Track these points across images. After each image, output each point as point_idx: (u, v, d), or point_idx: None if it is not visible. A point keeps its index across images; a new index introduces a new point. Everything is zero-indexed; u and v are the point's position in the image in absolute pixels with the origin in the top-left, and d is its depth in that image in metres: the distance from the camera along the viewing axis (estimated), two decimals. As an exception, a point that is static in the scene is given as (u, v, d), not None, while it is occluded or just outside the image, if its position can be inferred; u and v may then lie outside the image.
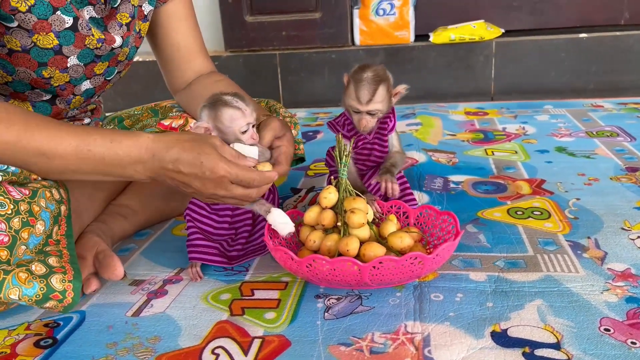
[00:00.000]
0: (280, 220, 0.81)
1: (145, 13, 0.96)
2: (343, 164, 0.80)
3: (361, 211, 0.76)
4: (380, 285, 0.75)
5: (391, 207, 0.89)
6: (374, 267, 0.70)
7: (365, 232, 0.78)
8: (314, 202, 1.12)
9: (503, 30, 2.00)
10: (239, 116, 0.79)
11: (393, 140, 0.91)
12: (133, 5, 0.91)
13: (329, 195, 0.79)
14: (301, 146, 1.12)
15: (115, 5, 0.88)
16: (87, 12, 0.84)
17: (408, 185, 0.94)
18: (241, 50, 2.11)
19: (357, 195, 0.80)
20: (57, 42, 0.82)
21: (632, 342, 0.63)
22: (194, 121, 1.06)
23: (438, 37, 1.98)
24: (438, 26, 2.04)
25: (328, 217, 0.79)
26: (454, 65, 2.01)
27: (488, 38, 1.96)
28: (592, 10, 2.07)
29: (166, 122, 1.07)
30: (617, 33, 1.90)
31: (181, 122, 1.07)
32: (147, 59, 2.05)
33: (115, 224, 0.96)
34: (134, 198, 1.02)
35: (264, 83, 2.10)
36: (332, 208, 0.80)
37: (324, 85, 2.09)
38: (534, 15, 2.10)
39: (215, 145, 0.75)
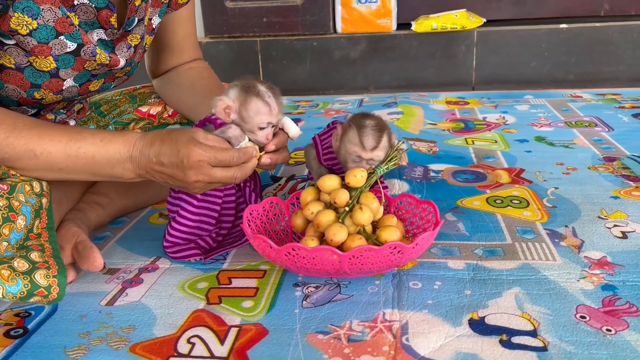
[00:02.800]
0: (290, 122, 0.82)
1: (154, 26, 0.92)
2: (387, 167, 0.80)
3: (369, 211, 0.75)
4: (359, 274, 0.75)
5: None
6: (353, 256, 0.69)
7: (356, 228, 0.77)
8: (294, 189, 1.11)
9: (485, 20, 2.00)
10: (265, 112, 0.77)
11: None
12: (145, 25, 0.87)
13: (359, 175, 0.77)
14: None
15: (129, 29, 0.84)
16: (97, 35, 0.80)
17: None
18: (221, 37, 2.08)
19: (379, 195, 0.79)
20: (55, 66, 0.77)
21: (607, 329, 0.64)
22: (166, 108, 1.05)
23: (420, 25, 1.98)
24: (420, 15, 2.04)
25: (341, 197, 0.76)
26: (436, 55, 2.00)
27: (470, 27, 1.96)
28: (573, 1, 2.08)
29: (144, 109, 1.05)
30: (597, 24, 1.92)
31: (159, 109, 1.06)
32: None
33: (91, 212, 0.94)
34: (110, 186, 1.00)
35: (245, 70, 2.08)
36: (349, 190, 0.78)
37: (305, 73, 2.07)
38: (516, 5, 2.10)
39: (196, 134, 0.74)
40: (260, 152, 0.80)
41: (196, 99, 0.97)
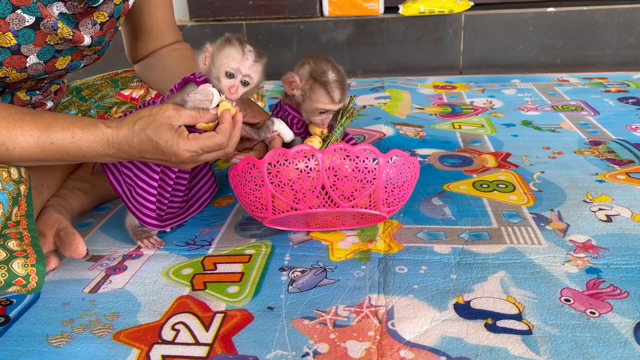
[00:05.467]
0: (284, 128, 0.81)
1: (130, 6, 0.89)
2: (341, 124, 0.81)
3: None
4: (342, 198, 0.73)
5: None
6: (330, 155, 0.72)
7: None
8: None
9: (472, 3, 1.99)
10: (236, 57, 0.72)
11: None
12: (115, 4, 0.84)
13: (310, 144, 0.79)
14: None
15: (95, 5, 0.81)
16: (57, 8, 0.77)
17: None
18: (207, 20, 2.05)
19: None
20: (15, 42, 0.74)
21: (591, 312, 0.64)
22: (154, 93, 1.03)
23: (407, 9, 1.96)
24: (408, -2, 2.02)
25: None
26: (423, 39, 1.99)
27: (457, 11, 1.95)
28: (560, -16, 2.07)
29: (126, 92, 1.03)
30: (584, 8, 1.91)
31: (142, 92, 1.04)
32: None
33: (74, 198, 0.93)
34: (93, 172, 0.98)
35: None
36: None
37: (292, 57, 2.05)
38: (503, -12, 2.09)
39: (170, 119, 0.72)
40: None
41: None
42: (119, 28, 0.93)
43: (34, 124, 0.72)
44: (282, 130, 0.81)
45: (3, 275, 0.65)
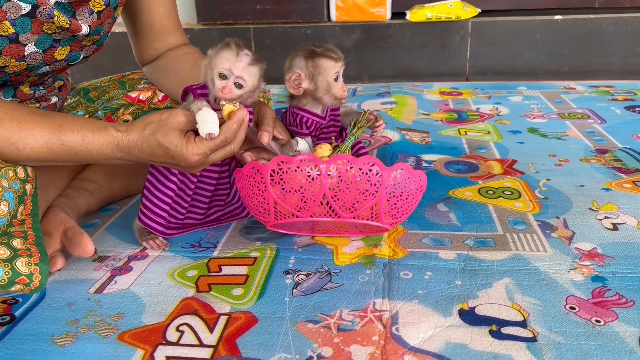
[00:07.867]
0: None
1: None
2: (352, 134, 0.82)
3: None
4: (344, 206, 0.73)
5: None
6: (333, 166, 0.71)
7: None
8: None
9: (479, 10, 1.99)
10: (229, 57, 0.73)
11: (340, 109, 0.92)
12: None
13: (320, 150, 0.80)
14: None
15: None
16: None
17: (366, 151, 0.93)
18: (214, 24, 2.05)
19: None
20: (13, 31, 0.75)
21: (597, 320, 0.64)
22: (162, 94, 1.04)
23: (414, 15, 1.97)
24: (415, 4, 2.02)
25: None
26: (430, 45, 1.99)
27: (464, 17, 1.95)
28: (568, -8, 2.08)
29: (133, 94, 1.04)
30: (592, 16, 1.91)
31: (149, 94, 1.04)
32: (117, 31, 1.99)
33: (80, 199, 0.93)
34: (99, 172, 0.99)
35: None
36: None
37: (298, 61, 2.05)
38: (511, -5, 2.10)
39: (180, 125, 0.73)
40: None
41: None
42: (118, 19, 0.93)
43: (45, 124, 0.73)
44: (304, 151, 0.82)
45: (7, 273, 0.65)
